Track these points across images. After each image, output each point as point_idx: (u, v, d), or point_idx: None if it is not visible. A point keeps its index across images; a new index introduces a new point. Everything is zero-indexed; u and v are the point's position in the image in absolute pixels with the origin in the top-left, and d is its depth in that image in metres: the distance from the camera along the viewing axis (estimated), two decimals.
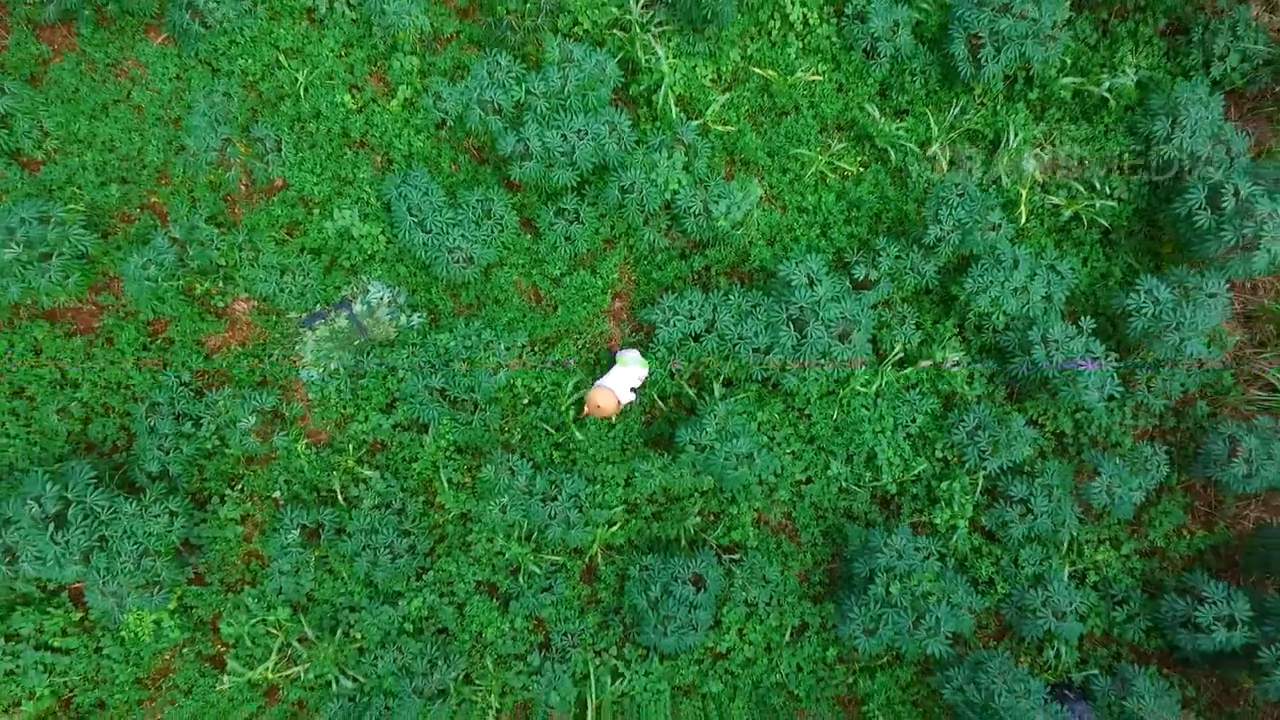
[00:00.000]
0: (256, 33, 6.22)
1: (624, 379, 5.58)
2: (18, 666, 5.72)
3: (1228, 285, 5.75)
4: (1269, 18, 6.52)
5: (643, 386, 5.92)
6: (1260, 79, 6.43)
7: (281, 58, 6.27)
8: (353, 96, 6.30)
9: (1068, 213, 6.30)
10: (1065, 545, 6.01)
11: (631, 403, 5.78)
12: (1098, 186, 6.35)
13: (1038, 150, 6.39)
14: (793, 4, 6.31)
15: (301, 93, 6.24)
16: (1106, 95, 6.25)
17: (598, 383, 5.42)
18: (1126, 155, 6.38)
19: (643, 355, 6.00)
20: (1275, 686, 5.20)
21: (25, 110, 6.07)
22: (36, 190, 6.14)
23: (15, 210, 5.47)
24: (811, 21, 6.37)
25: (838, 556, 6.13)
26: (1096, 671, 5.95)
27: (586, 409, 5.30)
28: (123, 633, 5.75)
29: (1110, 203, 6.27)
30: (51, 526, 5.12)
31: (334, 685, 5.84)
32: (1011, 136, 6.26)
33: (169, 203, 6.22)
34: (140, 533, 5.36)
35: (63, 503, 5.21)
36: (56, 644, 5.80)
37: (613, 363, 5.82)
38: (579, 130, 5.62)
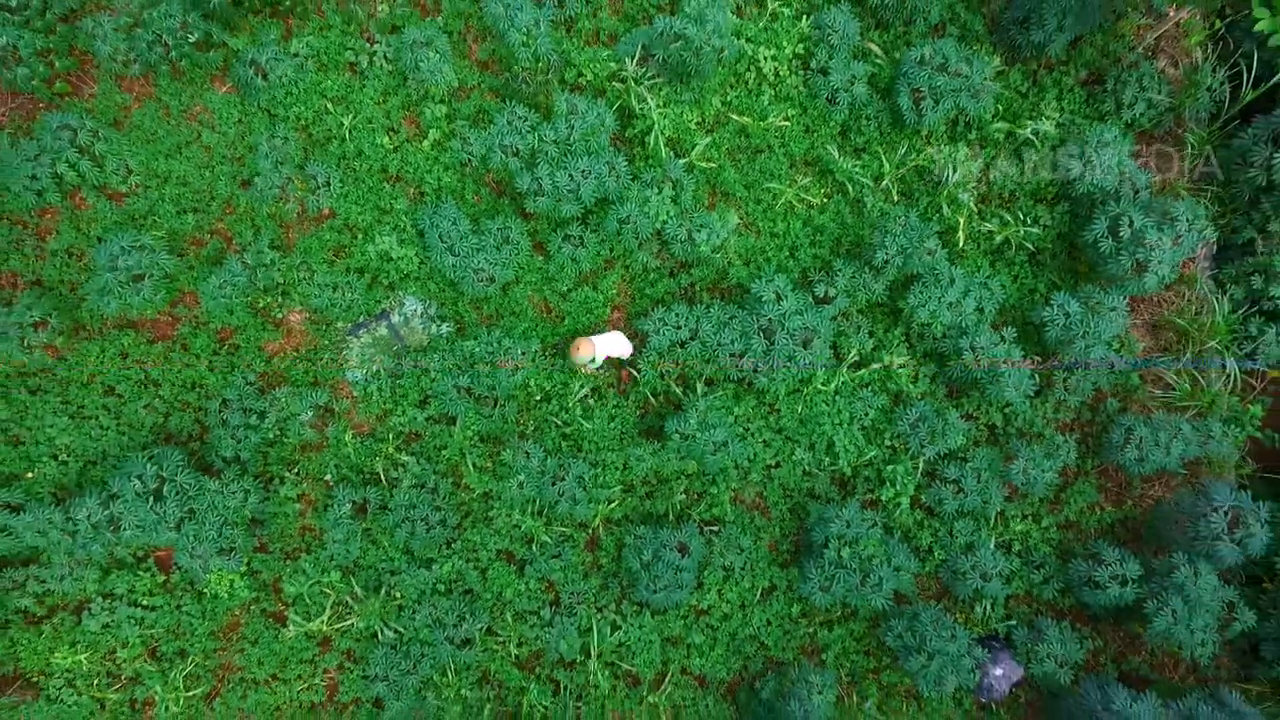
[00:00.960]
0: (308, 84, 7.42)
1: (608, 343, 6.77)
2: (113, 620, 6.91)
3: (1126, 301, 6.96)
4: (1172, 70, 7.73)
5: (624, 360, 7.06)
6: (1164, 123, 7.64)
7: (329, 105, 7.47)
8: (390, 138, 7.50)
9: (1000, 237, 7.50)
10: (992, 519, 7.22)
11: (600, 365, 6.80)
12: (1024, 216, 7.55)
13: (974, 184, 7.59)
14: (765, 59, 7.51)
15: (346, 135, 7.44)
16: (1031, 137, 7.46)
17: (589, 337, 6.58)
18: (1050, 188, 7.59)
19: (628, 345, 7.16)
20: (1156, 631, 6.41)
21: (113, 151, 7.25)
22: (123, 219, 7.33)
23: (116, 240, 6.67)
24: (782, 74, 7.57)
25: (801, 529, 7.33)
26: (1016, 624, 7.16)
27: (571, 350, 6.38)
28: (204, 590, 6.96)
29: (1035, 229, 7.47)
30: (151, 500, 6.33)
31: (379, 635, 7.05)
32: (951, 172, 7.45)
33: (234, 229, 7.42)
34: (221, 506, 6.57)
35: (159, 480, 6.41)
36: (145, 602, 7.00)
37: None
38: (583, 170, 6.81)
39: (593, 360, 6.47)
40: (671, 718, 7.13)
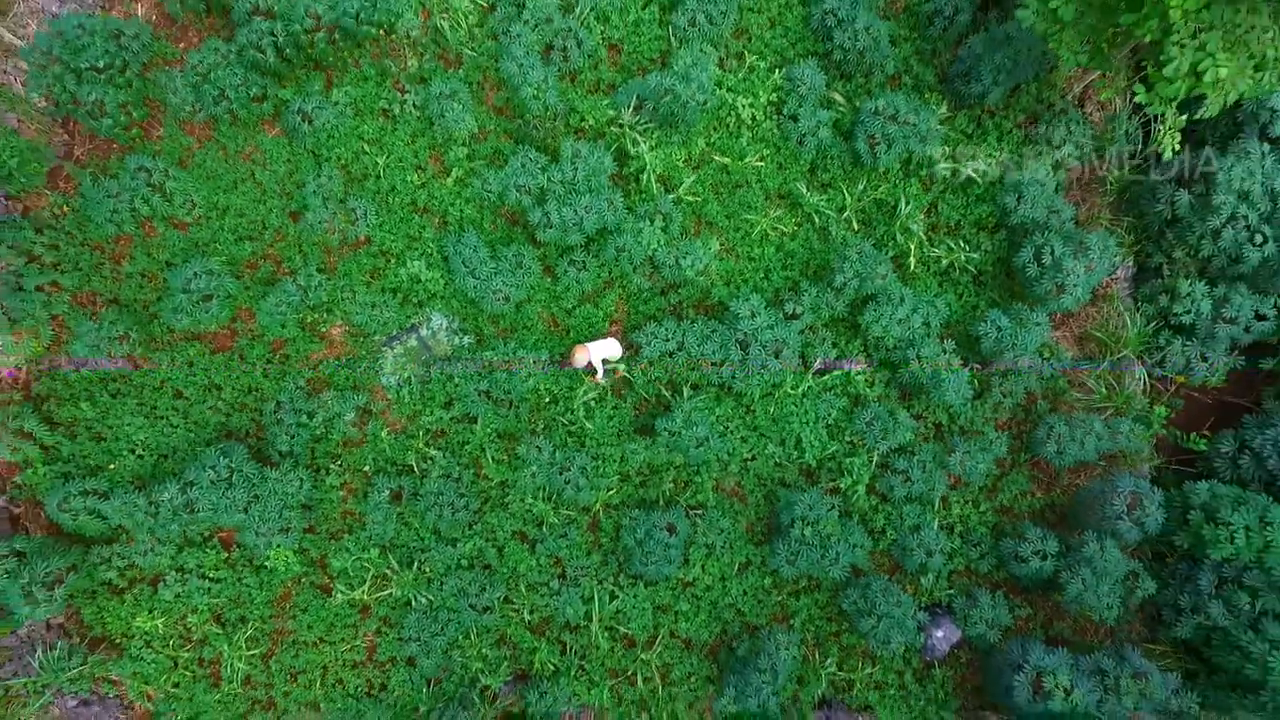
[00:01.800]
0: (347, 129, 8.69)
1: (601, 349, 8.04)
2: (184, 590, 8.18)
3: (1049, 316, 8.25)
4: (1097, 115, 9.00)
5: (613, 362, 8.33)
6: (1089, 162, 8.92)
7: (366, 147, 8.74)
8: (418, 175, 8.77)
9: (946, 261, 8.78)
10: (936, 504, 8.51)
11: (594, 370, 8.07)
12: (968, 243, 8.83)
13: (924, 215, 8.87)
14: (744, 106, 8.77)
15: (381, 173, 8.71)
16: (973, 175, 8.74)
17: (580, 350, 7.84)
18: (990, 218, 8.87)
19: (620, 348, 8.42)
20: (1070, 597, 7.70)
21: (180, 187, 8.52)
22: (189, 246, 8.60)
23: (189, 266, 7.94)
24: (758, 119, 8.84)
25: (772, 512, 8.61)
26: (956, 594, 8.46)
27: (572, 356, 7.67)
28: (263, 564, 8.24)
29: (976, 255, 8.75)
30: (223, 487, 7.61)
31: (412, 603, 8.33)
32: (904, 205, 8.73)
33: (284, 255, 8.69)
34: (280, 492, 7.85)
35: (229, 471, 7.69)
36: (211, 575, 8.28)
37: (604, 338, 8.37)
38: (586, 206, 8.08)
39: (593, 370, 7.75)
40: (662, 674, 8.43)
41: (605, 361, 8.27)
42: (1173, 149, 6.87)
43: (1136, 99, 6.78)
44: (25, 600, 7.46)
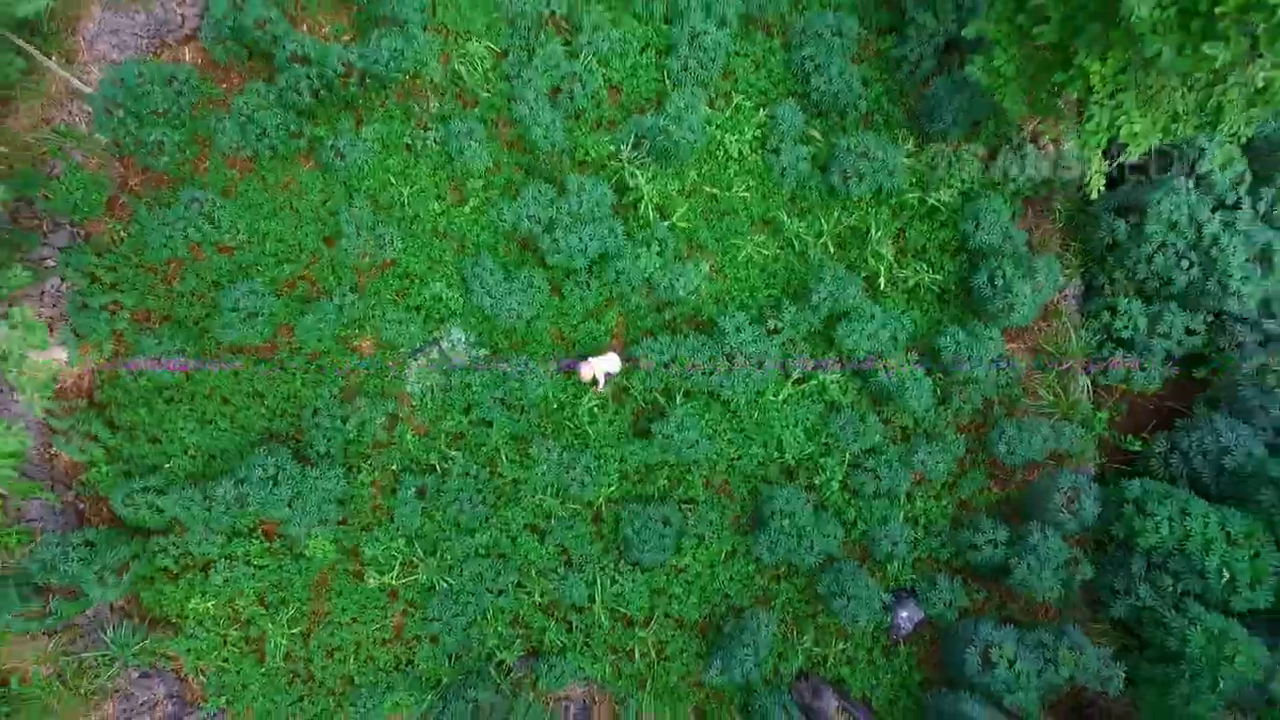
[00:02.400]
0: (375, 163, 9.77)
1: (603, 364, 9.16)
2: (232, 576, 9.26)
3: (1001, 331, 9.35)
4: (1051, 149, 10.09)
5: (612, 375, 9.45)
6: (1041, 192, 10.01)
7: (392, 179, 9.83)
8: (439, 204, 9.85)
9: (913, 281, 9.88)
10: (902, 499, 9.62)
11: (598, 382, 9.24)
12: (933, 265, 9.92)
13: (893, 239, 9.96)
14: (731, 142, 9.86)
15: (406, 202, 9.79)
16: (937, 203, 9.83)
17: (590, 359, 8.99)
18: (952, 242, 9.96)
19: (619, 361, 9.53)
20: (1016, 580, 8.82)
21: (226, 215, 9.59)
22: (234, 268, 9.69)
23: (238, 288, 9.03)
24: (744, 153, 9.94)
25: (755, 506, 9.72)
26: (919, 579, 9.57)
27: (580, 371, 8.88)
28: (303, 552, 9.35)
29: (940, 276, 9.85)
30: (270, 484, 8.71)
31: (435, 587, 9.44)
32: (875, 231, 9.83)
33: (319, 276, 9.78)
34: (320, 489, 8.95)
35: (275, 470, 8.79)
36: (256, 562, 9.38)
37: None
38: (589, 234, 9.17)
39: (595, 381, 8.87)
40: (657, 649, 9.55)
41: (607, 375, 9.36)
42: (1098, 190, 7.95)
43: (1067, 147, 7.87)
44: (98, 584, 8.56)
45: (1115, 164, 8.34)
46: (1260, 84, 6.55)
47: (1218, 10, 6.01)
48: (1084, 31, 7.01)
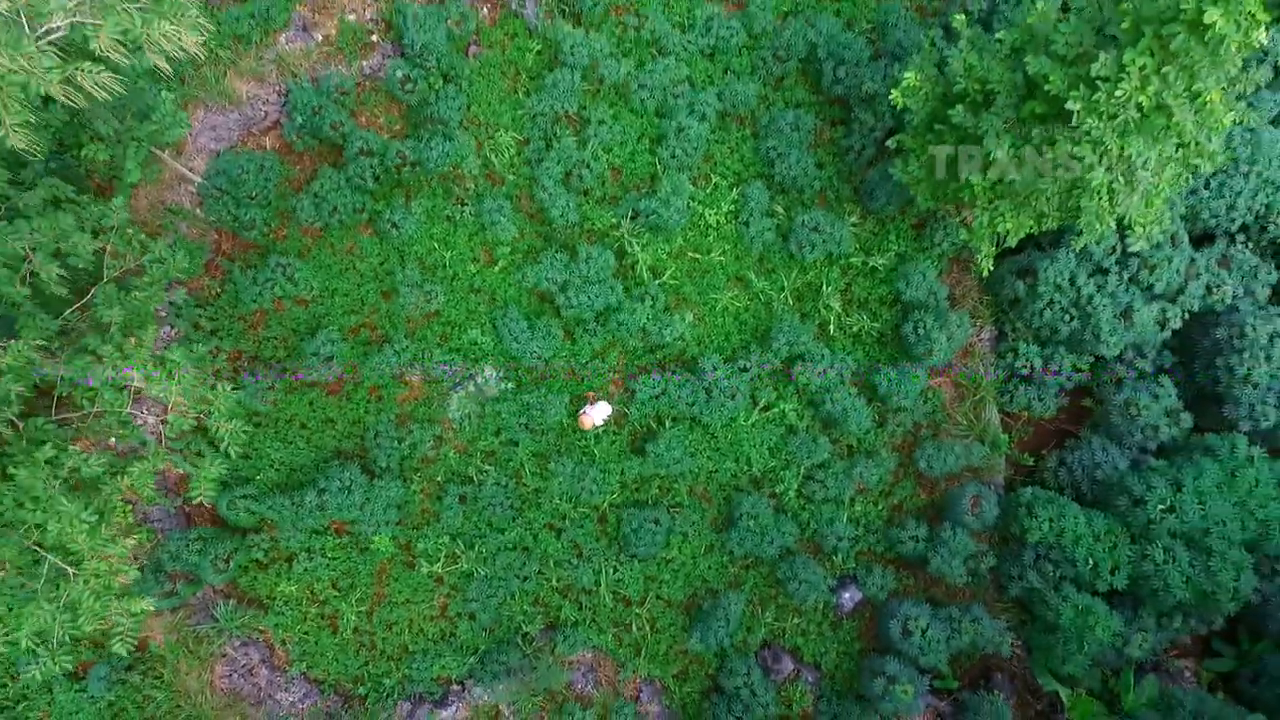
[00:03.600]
0: (422, 232, 12.34)
1: (598, 412, 11.75)
2: (311, 565, 11.82)
3: (926, 370, 11.97)
4: (972, 219, 12.66)
5: (607, 419, 12.03)
6: (962, 254, 12.60)
7: (436, 245, 12.39)
8: (474, 265, 12.42)
9: (857, 328, 12.47)
10: (846, 503, 12.23)
11: (598, 425, 11.85)
12: (874, 315, 12.52)
13: (841, 294, 12.55)
14: (710, 214, 12.43)
15: (447, 263, 12.36)
16: (876, 265, 12.42)
17: (585, 410, 11.58)
18: (889, 296, 12.55)
19: (610, 408, 12.12)
20: (933, 568, 11.43)
21: (302, 274, 12.14)
22: (309, 318, 12.25)
23: (318, 338, 11.59)
24: (721, 223, 12.51)
25: (729, 509, 12.32)
26: (859, 568, 12.19)
27: (580, 420, 11.46)
28: (368, 546, 11.93)
29: (878, 324, 12.45)
30: (346, 491, 11.30)
31: (473, 574, 12.03)
32: (826, 287, 12.42)
33: (378, 324, 12.35)
34: (382, 496, 11.53)
35: (349, 480, 11.37)
36: (330, 554, 11.96)
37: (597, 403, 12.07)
38: (596, 292, 11.76)
39: (596, 427, 11.53)
40: (650, 623, 12.17)
41: (604, 419, 11.94)
42: (987, 269, 10.53)
43: (961, 235, 10.47)
44: (212, 571, 11.15)
45: (996, 250, 10.90)
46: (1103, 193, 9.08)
47: (1054, 153, 8.60)
48: (968, 157, 9.61)
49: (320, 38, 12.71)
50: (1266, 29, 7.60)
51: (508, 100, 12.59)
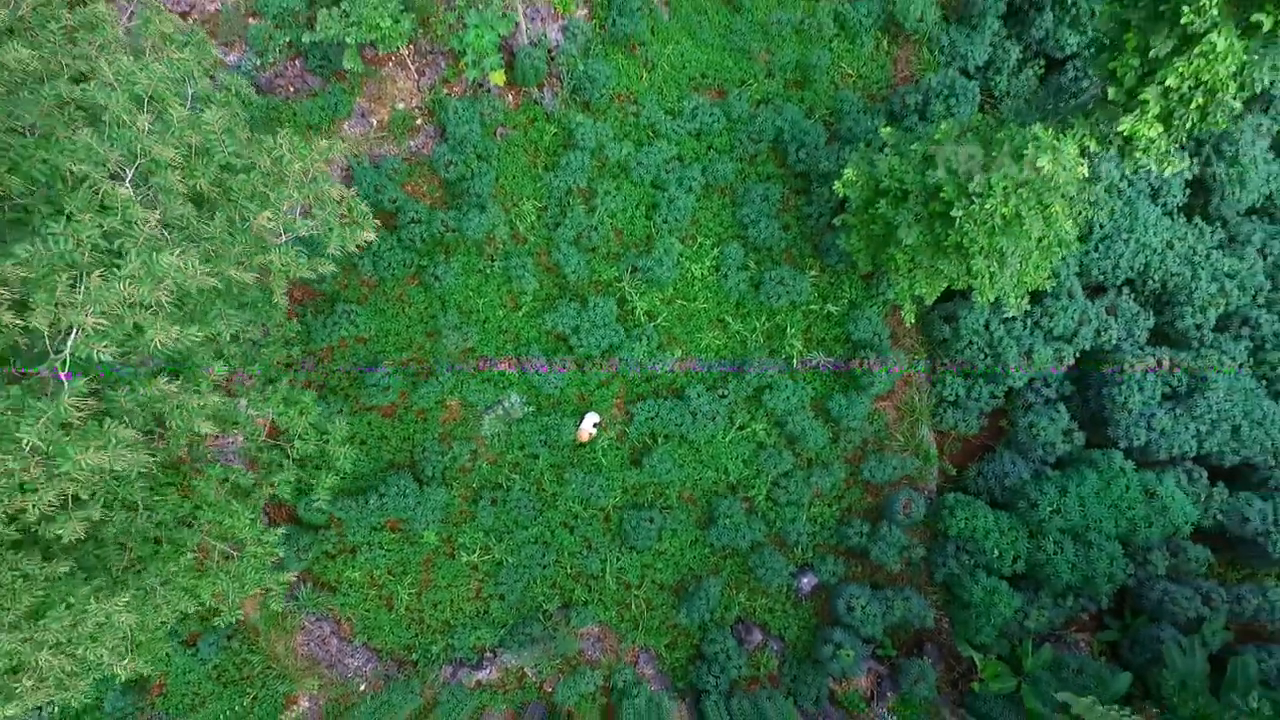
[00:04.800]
0: (460, 283, 15.41)
1: (588, 421, 14.83)
2: (371, 555, 14.90)
3: (872, 397, 15.06)
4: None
5: (597, 424, 15.11)
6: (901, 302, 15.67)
7: (471, 294, 15.46)
8: (502, 310, 15.49)
9: (815, 362, 15.57)
10: (805, 506, 15.32)
11: (592, 433, 14.94)
12: (830, 351, 15.62)
13: (803, 334, 15.64)
14: (695, 269, 15.51)
15: (480, 309, 15.43)
16: (832, 311, 15.52)
17: (579, 425, 14.67)
18: (842, 336, 15.64)
19: (597, 415, 15.20)
20: (873, 558, 14.53)
21: (361, 318, 15.21)
22: (368, 353, 15.31)
23: (379, 371, 14.66)
24: (704, 276, 15.59)
25: (710, 510, 15.40)
26: (816, 558, 15.28)
27: (578, 435, 14.55)
28: (419, 540, 14.99)
29: (833, 358, 15.55)
30: (406, 495, 14.38)
31: (503, 564, 15.11)
32: (790, 329, 15.51)
33: (425, 358, 15.42)
34: (431, 499, 14.60)
35: (404, 488, 14.44)
36: (386, 546, 15.03)
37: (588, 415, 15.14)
38: (601, 334, 14.85)
39: (591, 436, 14.63)
40: (646, 603, 15.26)
41: (593, 428, 15.03)
42: (911, 319, 13.59)
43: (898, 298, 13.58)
44: (296, 560, 14.23)
45: (918, 305, 13.97)
46: (991, 270, 12.12)
47: (945, 244, 11.70)
48: (889, 240, 12.70)
49: (375, 122, 15.78)
50: (1088, 168, 10.71)
51: (529, 174, 15.67)
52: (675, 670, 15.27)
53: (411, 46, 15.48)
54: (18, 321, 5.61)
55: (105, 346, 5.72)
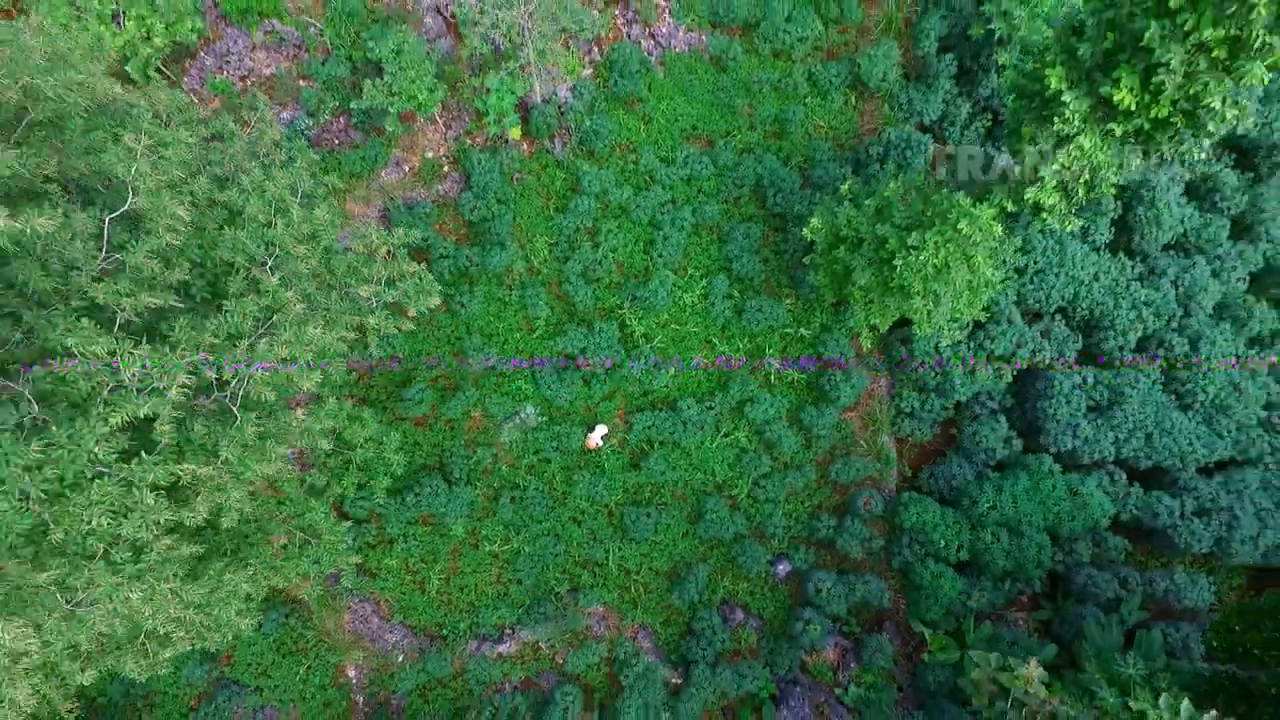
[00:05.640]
0: (482, 309, 18.06)
1: (597, 433, 17.50)
2: (408, 545, 17.56)
3: (839, 409, 17.74)
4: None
5: (605, 437, 17.77)
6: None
7: (492, 318, 18.10)
8: (519, 334, 18.13)
9: (790, 378, 18.24)
10: (781, 503, 17.99)
11: (599, 444, 17.61)
12: (803, 372, 18.29)
13: (779, 354, 18.31)
14: (685, 298, 18.18)
15: (500, 331, 18.08)
16: (804, 334, 18.19)
17: (589, 434, 17.33)
18: (815, 356, 18.31)
19: (606, 429, 17.87)
20: (839, 547, 17.20)
21: (399, 342, 17.84)
22: (403, 372, 17.96)
23: (414, 388, 17.32)
24: (694, 303, 18.25)
25: (698, 507, 18.06)
26: (789, 547, 17.96)
27: (586, 442, 17.21)
28: (447, 532, 17.64)
29: (805, 375, 18.22)
30: (437, 494, 17.05)
31: (520, 553, 17.77)
32: (768, 349, 18.18)
33: (452, 376, 18.07)
34: (459, 498, 17.27)
35: (435, 487, 17.11)
36: (420, 538, 17.68)
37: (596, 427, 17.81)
38: (605, 354, 17.52)
39: (598, 445, 17.32)
40: (644, 587, 17.94)
41: (601, 439, 17.71)
42: (868, 344, 16.23)
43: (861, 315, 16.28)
44: (356, 551, 16.89)
45: (875, 334, 16.63)
46: (931, 305, 14.75)
47: (892, 284, 14.37)
48: (848, 279, 15.37)
49: (407, 169, 18.44)
50: (1004, 228, 13.37)
51: (542, 215, 18.33)
52: (669, 644, 17.96)
53: (440, 106, 18.11)
54: (210, 374, 8.24)
55: (270, 390, 8.34)
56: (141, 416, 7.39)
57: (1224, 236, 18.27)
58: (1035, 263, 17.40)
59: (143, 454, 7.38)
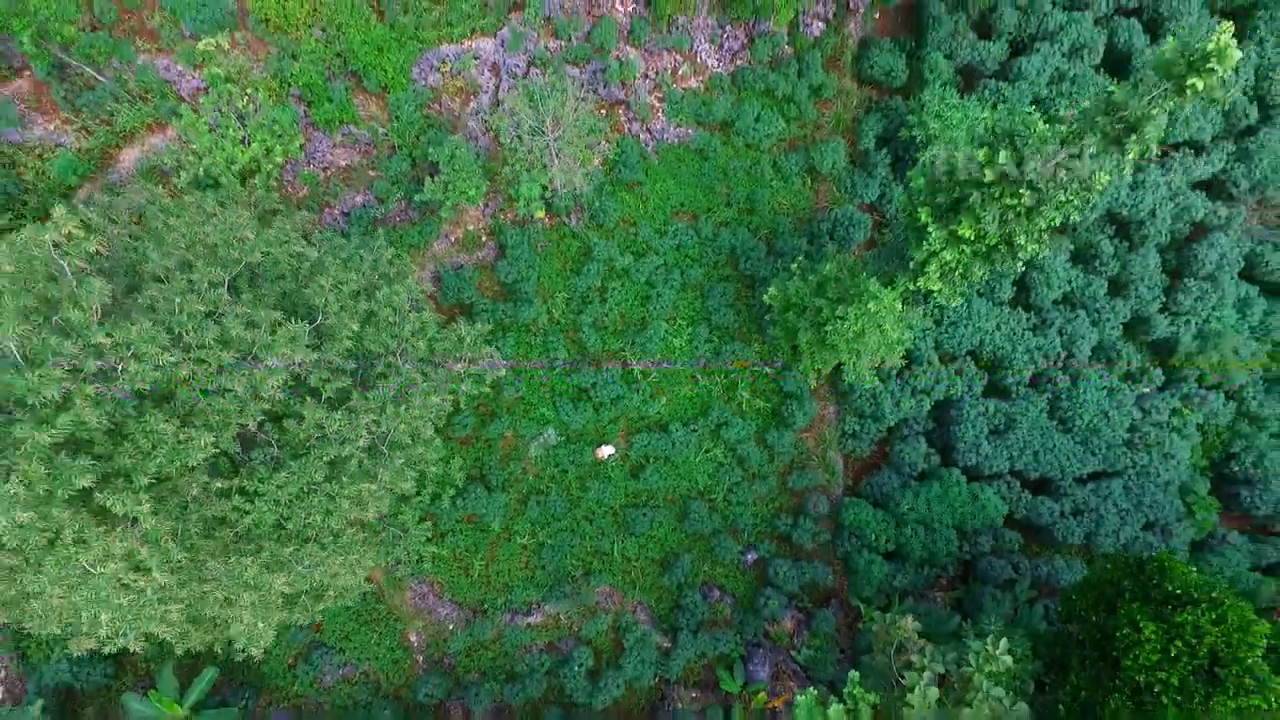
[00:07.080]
0: (514, 351, 23.47)
1: (605, 450, 22.89)
2: (454, 539, 22.93)
3: (796, 430, 23.15)
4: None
5: (610, 455, 23.14)
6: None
7: (520, 360, 23.53)
8: (542, 371, 23.53)
9: (758, 406, 23.64)
10: (750, 505, 23.38)
11: (606, 458, 22.97)
12: (768, 404, 23.68)
13: (750, 389, 23.71)
14: (674, 341, 23.55)
15: (526, 371, 23.48)
16: (769, 371, 23.59)
17: (599, 450, 22.72)
18: (777, 389, 23.71)
19: (612, 448, 23.24)
20: (798, 541, 22.62)
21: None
22: (453, 403, 23.36)
23: (461, 415, 22.73)
24: (681, 347, 23.63)
25: (685, 509, 23.43)
26: (757, 541, 23.35)
27: (596, 454, 22.60)
28: (488, 528, 23.02)
29: (769, 405, 23.63)
30: (479, 498, 22.46)
31: (544, 545, 23.15)
32: (741, 387, 23.58)
33: (490, 405, 23.46)
34: (497, 501, 22.64)
35: (478, 492, 22.50)
36: (465, 533, 23.05)
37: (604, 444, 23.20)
38: (610, 390, 22.92)
39: (607, 458, 22.78)
40: (642, 571, 23.34)
41: (609, 455, 23.12)
42: (813, 383, 21.57)
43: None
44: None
45: (823, 375, 22.03)
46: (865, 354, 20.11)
47: (826, 343, 19.81)
48: (797, 334, 20.79)
49: (453, 239, 23.80)
50: (903, 304, 18.79)
51: (561, 276, 23.72)
52: (661, 616, 23.38)
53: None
54: (373, 429, 13.66)
55: (407, 436, 13.68)
56: (338, 456, 12.73)
57: (1102, 293, 23.64)
58: (949, 316, 22.78)
59: (343, 478, 12.72)
